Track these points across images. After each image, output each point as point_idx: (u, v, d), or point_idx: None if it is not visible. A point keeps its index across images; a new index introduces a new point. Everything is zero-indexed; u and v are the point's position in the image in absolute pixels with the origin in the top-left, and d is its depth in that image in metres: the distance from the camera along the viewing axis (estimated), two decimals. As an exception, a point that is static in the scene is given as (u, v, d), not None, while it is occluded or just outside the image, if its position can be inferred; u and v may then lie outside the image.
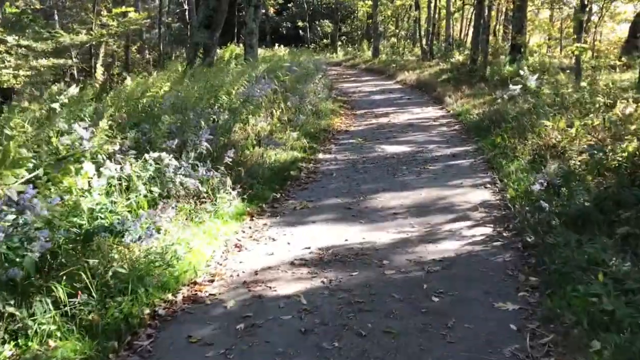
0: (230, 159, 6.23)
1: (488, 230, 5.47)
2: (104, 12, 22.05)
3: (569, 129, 7.93)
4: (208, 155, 6.25)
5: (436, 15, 27.58)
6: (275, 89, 10.33)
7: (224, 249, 5.14)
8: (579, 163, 6.19)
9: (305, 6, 36.39)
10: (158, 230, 4.65)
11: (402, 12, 30.77)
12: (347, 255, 4.94)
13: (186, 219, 5.30)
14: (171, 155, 5.37)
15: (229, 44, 26.19)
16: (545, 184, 5.41)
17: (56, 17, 24.44)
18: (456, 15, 29.98)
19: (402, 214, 6.06)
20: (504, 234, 5.34)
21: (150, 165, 4.95)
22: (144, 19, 22.07)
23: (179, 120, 6.42)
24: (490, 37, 20.88)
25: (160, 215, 4.72)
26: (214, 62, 17.05)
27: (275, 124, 9.45)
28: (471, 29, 31.38)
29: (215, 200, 5.76)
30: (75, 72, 23.23)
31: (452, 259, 4.81)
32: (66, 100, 6.18)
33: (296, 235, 5.49)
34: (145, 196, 4.90)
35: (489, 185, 7.03)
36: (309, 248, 5.13)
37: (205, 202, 5.76)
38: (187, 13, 27.48)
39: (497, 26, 28.18)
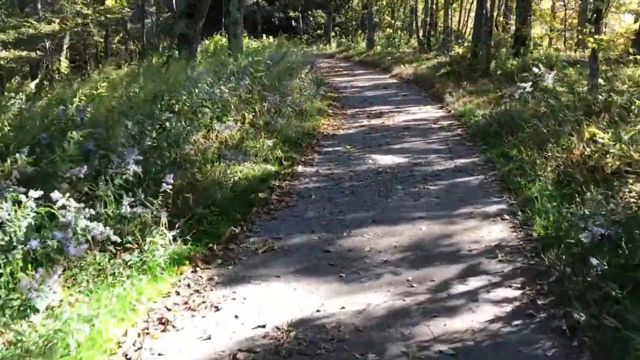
0: (170, 186, 4.63)
1: (515, 293, 3.92)
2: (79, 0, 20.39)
3: (599, 139, 6.39)
4: (139, 182, 4.67)
5: (434, 6, 25.91)
6: (248, 86, 8.73)
7: (143, 326, 3.58)
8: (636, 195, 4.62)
9: (298, -5, 34.70)
10: (35, 311, 3.11)
11: (399, 2, 29.12)
12: (317, 342, 3.38)
13: (95, 279, 3.75)
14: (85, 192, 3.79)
15: (215, 34, 24.50)
16: (597, 234, 3.82)
17: (39, 6, 22.74)
18: (454, 5, 28.31)
19: (396, 262, 4.50)
20: (538, 302, 3.78)
21: (30, 210, 3.37)
22: (122, 7, 20.43)
23: (98, 136, 4.82)
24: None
25: (42, 287, 3.17)
26: (196, 54, 15.47)
27: (247, 130, 7.87)
28: (470, 20, 29.75)
29: (144, 247, 4.20)
30: (51, 65, 21.64)
31: (468, 350, 3.26)
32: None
33: (249, 301, 3.93)
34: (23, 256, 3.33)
35: (506, 217, 5.46)
36: (264, 326, 3.56)
37: (131, 249, 4.20)
38: (174, 2, 25.79)
39: (498, 17, 26.52)
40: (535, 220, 5.03)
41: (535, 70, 10.10)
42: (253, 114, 8.46)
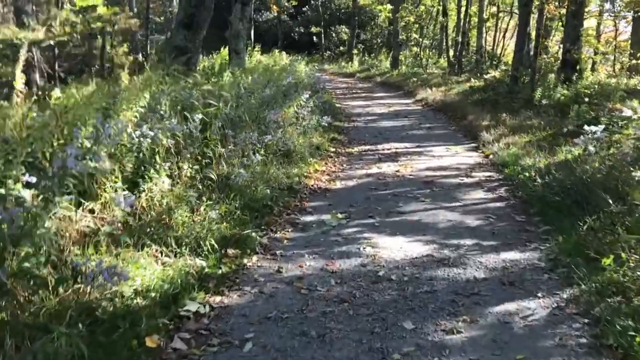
0: None
1: None
2: (67, 5, 17.89)
3: None
4: None
5: (466, 24, 22.90)
6: (197, 125, 5.86)
7: None
8: None
9: (321, 10, 31.97)
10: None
11: (427, 19, 26.21)
12: None
13: None
14: None
15: (223, 49, 21.85)
16: None
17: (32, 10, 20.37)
18: (489, 23, 25.26)
19: None
20: None
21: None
22: (115, 13, 17.89)
23: None
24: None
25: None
26: (196, 70, 12.81)
27: (178, 194, 5.02)
28: (506, 41, 26.64)
29: None
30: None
31: None
32: None
33: None
34: None
35: None
36: None
37: None
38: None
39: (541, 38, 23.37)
40: None
41: (626, 110, 7.05)
42: (197, 165, 5.59)
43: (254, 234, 5.05)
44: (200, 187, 5.51)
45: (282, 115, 9.05)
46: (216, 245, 4.59)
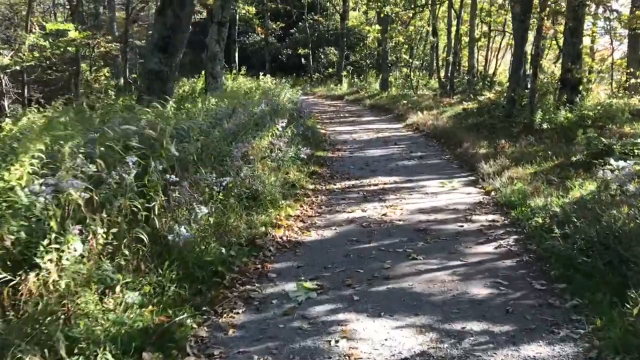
0: None
1: None
2: (36, 29, 16.65)
3: None
4: None
5: (458, 44, 21.76)
6: (132, 168, 4.54)
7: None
8: None
9: (309, 31, 30.86)
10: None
11: (417, 39, 25.12)
12: None
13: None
14: None
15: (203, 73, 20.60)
16: None
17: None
18: (480, 42, 24.19)
19: None
20: None
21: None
22: (86, 37, 16.66)
23: None
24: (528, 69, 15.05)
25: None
26: (171, 96, 11.57)
27: (89, 271, 3.68)
28: (498, 60, 25.55)
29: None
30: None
31: None
32: None
33: None
34: None
35: None
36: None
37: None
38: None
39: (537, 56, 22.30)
40: None
41: None
42: (124, 224, 4.25)
43: (189, 320, 3.72)
44: (127, 253, 4.17)
45: (252, 148, 7.77)
46: (129, 347, 3.26)
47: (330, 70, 31.03)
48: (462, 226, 6.08)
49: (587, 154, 8.75)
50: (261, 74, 21.18)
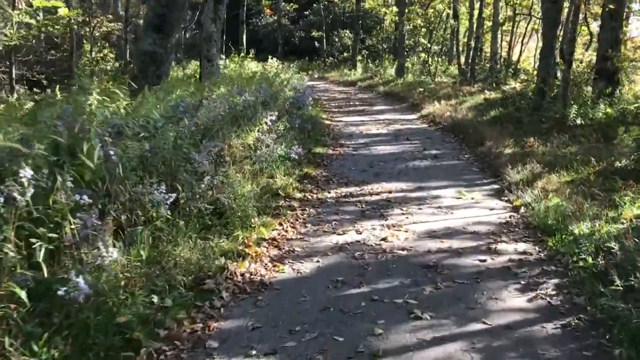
0: None
1: None
2: (22, 5, 15.27)
3: None
4: None
5: (480, 28, 19.95)
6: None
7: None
8: None
9: (323, 13, 29.15)
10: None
11: (437, 22, 23.33)
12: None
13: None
14: None
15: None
16: None
17: None
18: (505, 26, 22.33)
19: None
20: None
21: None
22: (78, 15, 15.27)
23: None
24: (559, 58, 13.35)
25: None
26: (165, 79, 10.34)
27: None
28: (523, 46, 23.66)
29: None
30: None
31: None
32: None
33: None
34: None
35: None
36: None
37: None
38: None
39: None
40: None
41: None
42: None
43: None
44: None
45: (229, 147, 6.33)
46: None
47: (345, 54, 29.38)
48: (484, 261, 4.58)
49: (637, 159, 7.18)
50: (270, 57, 19.66)
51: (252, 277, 4.22)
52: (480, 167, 8.12)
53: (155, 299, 3.60)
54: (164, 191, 4.49)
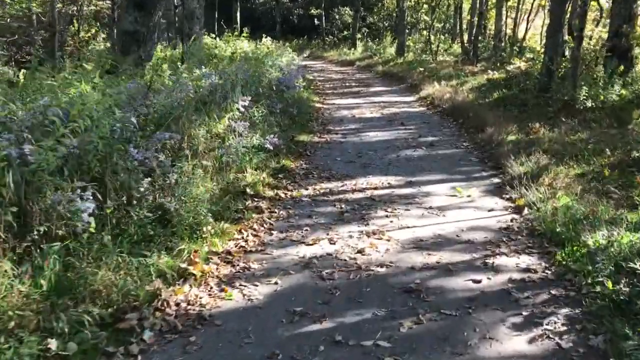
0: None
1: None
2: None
3: None
4: None
5: (484, 6, 18.78)
6: None
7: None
8: None
9: (323, -10, 28.00)
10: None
11: (439, -2, 22.16)
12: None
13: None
14: None
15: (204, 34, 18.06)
16: None
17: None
18: (510, 2, 21.18)
19: None
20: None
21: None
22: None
23: None
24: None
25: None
26: (150, 59, 9.51)
27: None
28: (529, 23, 22.47)
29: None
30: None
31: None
32: None
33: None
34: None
35: None
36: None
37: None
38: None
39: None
40: None
41: None
42: None
43: None
44: None
45: (191, 138, 5.47)
46: None
47: (346, 33, 28.26)
48: (478, 282, 3.73)
49: (657, 149, 6.29)
50: (264, 36, 18.63)
51: (189, 307, 3.38)
52: (480, 157, 7.23)
53: (53, 344, 2.78)
54: (91, 197, 3.66)
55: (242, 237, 4.46)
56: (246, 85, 7.51)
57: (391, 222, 4.88)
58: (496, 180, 6.17)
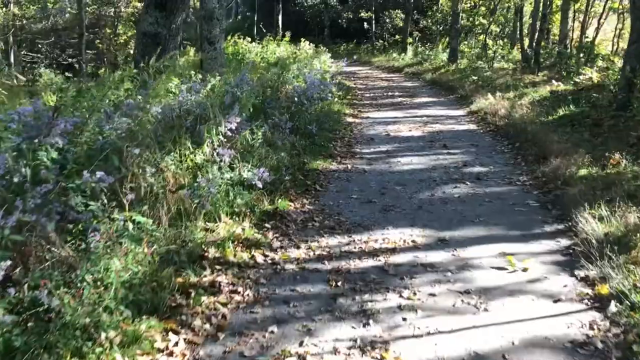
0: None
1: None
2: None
3: None
4: None
5: (548, 8, 16.51)
6: None
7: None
8: None
9: (373, -8, 26.21)
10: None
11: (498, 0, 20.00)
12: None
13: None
14: None
15: (237, 38, 16.69)
16: None
17: None
18: (579, 3, 18.79)
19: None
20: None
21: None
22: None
23: None
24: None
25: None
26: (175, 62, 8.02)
27: None
28: (598, 27, 19.95)
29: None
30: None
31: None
32: None
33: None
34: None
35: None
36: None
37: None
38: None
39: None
40: None
41: None
42: None
43: None
44: None
45: (131, 179, 3.93)
46: None
47: (397, 36, 26.38)
48: None
49: None
50: (302, 40, 17.12)
51: None
52: (541, 201, 5.36)
53: None
54: None
55: (165, 349, 2.84)
56: (245, 100, 5.91)
57: (404, 320, 3.17)
58: (564, 241, 4.33)
